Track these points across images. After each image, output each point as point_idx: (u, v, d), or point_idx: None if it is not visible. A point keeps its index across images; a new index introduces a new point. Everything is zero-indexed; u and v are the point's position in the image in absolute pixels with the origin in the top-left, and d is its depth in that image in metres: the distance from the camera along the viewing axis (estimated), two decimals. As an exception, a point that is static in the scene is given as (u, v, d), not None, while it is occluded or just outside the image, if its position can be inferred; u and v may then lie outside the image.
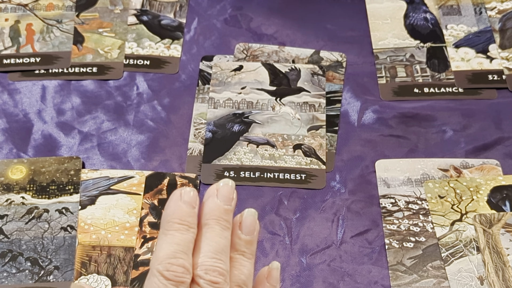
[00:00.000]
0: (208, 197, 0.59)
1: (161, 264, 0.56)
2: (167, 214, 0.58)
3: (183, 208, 0.58)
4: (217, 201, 0.59)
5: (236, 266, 0.59)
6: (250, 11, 1.00)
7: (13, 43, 0.96)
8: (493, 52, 0.94)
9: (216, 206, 0.59)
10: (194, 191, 0.58)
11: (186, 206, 0.58)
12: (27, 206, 0.82)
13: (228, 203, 0.59)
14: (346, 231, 0.81)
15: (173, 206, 0.58)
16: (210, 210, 0.59)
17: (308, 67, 0.93)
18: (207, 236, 0.58)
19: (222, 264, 0.57)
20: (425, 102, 0.91)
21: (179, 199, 0.58)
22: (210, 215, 0.58)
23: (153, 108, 0.91)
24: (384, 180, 0.84)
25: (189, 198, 0.58)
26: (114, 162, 0.86)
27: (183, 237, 0.57)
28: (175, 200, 0.58)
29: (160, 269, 0.56)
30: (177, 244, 0.57)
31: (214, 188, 0.59)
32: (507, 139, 0.87)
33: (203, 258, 0.57)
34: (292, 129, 0.88)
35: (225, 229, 0.58)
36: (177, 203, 0.58)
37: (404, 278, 0.77)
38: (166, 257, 0.56)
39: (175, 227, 0.57)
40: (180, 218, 0.57)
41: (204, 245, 0.57)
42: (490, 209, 0.81)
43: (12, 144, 0.88)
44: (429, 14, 0.98)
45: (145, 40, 0.96)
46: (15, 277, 0.77)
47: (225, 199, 0.59)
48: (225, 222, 0.59)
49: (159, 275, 0.56)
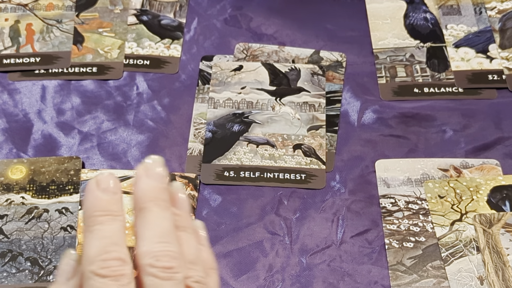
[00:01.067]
0: (138, 179, 0.52)
1: (94, 264, 0.50)
2: (86, 208, 0.51)
3: (103, 198, 0.51)
4: (150, 181, 0.52)
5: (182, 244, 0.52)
6: (250, 11, 1.00)
7: (13, 43, 0.96)
8: (493, 52, 0.94)
9: (150, 187, 0.52)
10: (112, 175, 0.52)
11: (105, 194, 0.51)
12: (27, 206, 0.82)
13: (161, 181, 0.52)
14: (346, 231, 0.81)
15: (91, 198, 0.51)
16: (144, 192, 0.52)
17: (308, 67, 0.93)
18: (147, 220, 0.51)
19: (172, 247, 0.51)
20: (425, 102, 0.91)
21: (95, 188, 0.51)
22: (145, 198, 0.52)
23: (153, 108, 0.91)
24: (384, 180, 0.84)
25: (107, 185, 0.51)
26: (114, 162, 0.86)
27: (111, 228, 0.51)
28: (91, 191, 0.51)
29: (94, 269, 0.49)
30: (106, 237, 0.50)
31: (141, 169, 0.53)
32: (507, 139, 0.87)
33: (149, 245, 0.50)
34: (292, 129, 0.88)
35: (165, 209, 0.52)
36: (94, 193, 0.51)
37: (404, 278, 0.77)
38: (97, 255, 0.50)
39: (98, 220, 0.51)
40: (102, 209, 0.51)
41: (147, 231, 0.51)
42: (490, 209, 0.81)
43: (12, 144, 0.87)
44: (429, 14, 0.98)
45: (145, 40, 0.96)
46: (15, 277, 0.77)
47: (157, 177, 0.52)
48: (164, 202, 0.52)
49: (94, 275, 0.49)
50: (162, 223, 0.51)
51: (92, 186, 0.51)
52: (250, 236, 0.81)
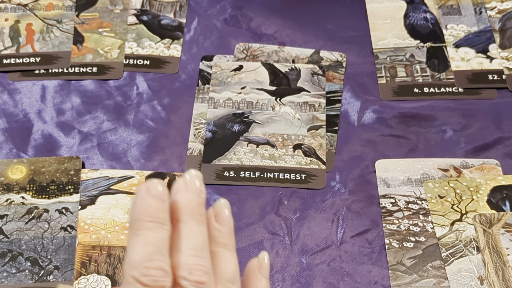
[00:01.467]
0: (177, 191, 0.53)
1: (137, 269, 0.50)
2: (135, 212, 0.52)
3: (153, 204, 0.52)
4: (188, 194, 0.53)
5: (221, 261, 0.54)
6: (250, 11, 1.00)
7: (13, 43, 0.96)
8: (493, 52, 0.94)
9: (188, 200, 0.53)
10: (162, 183, 0.52)
11: (155, 201, 0.52)
12: (27, 206, 0.82)
13: (199, 195, 0.54)
14: (346, 231, 0.81)
15: (141, 202, 0.52)
16: (183, 205, 0.53)
17: (308, 67, 0.93)
18: (184, 232, 0.52)
19: (205, 262, 0.52)
20: (425, 102, 0.91)
21: (146, 194, 0.52)
22: (183, 210, 0.53)
23: (153, 108, 0.91)
24: (384, 180, 0.84)
25: (157, 191, 0.52)
26: (114, 162, 0.86)
27: (157, 236, 0.51)
28: (142, 196, 0.52)
29: (136, 275, 0.50)
30: (152, 244, 0.51)
31: (181, 182, 0.54)
32: (507, 139, 0.87)
33: (184, 257, 0.51)
34: (292, 129, 0.88)
35: (201, 224, 0.53)
36: (145, 199, 0.52)
37: (404, 278, 0.77)
38: (141, 261, 0.50)
39: (146, 225, 0.51)
40: (150, 215, 0.51)
41: (183, 243, 0.52)
42: (490, 209, 0.81)
43: (12, 144, 0.87)
44: (429, 14, 0.98)
45: (145, 40, 0.96)
46: (15, 277, 0.77)
47: (196, 191, 0.53)
48: (200, 216, 0.53)
49: (135, 282, 0.50)
50: (197, 237, 0.53)
51: (143, 191, 0.52)
52: (250, 236, 0.81)
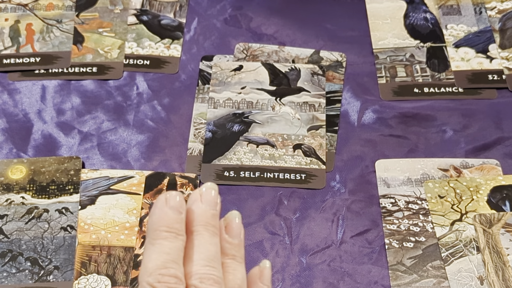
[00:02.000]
0: (192, 203, 0.56)
1: (151, 276, 0.53)
2: (153, 221, 0.55)
3: (170, 215, 0.55)
4: (203, 206, 0.56)
5: (229, 271, 0.56)
6: (250, 11, 1.00)
7: (13, 43, 0.96)
8: (493, 52, 0.94)
9: (203, 212, 0.56)
10: (180, 195, 0.55)
11: (172, 212, 0.55)
12: (27, 206, 0.82)
13: (214, 207, 0.56)
14: (346, 231, 0.81)
15: (159, 213, 0.55)
16: (197, 216, 0.56)
17: (308, 67, 0.93)
18: (197, 243, 0.55)
19: (216, 272, 0.54)
20: (425, 102, 0.91)
21: (164, 204, 0.55)
22: (197, 221, 0.56)
23: (153, 108, 0.91)
24: (384, 180, 0.84)
25: (175, 203, 0.55)
26: (114, 162, 0.86)
27: (172, 245, 0.54)
28: (160, 206, 0.55)
29: (151, 281, 0.53)
30: (167, 253, 0.54)
31: (197, 193, 0.57)
32: (507, 139, 0.87)
33: (196, 267, 0.54)
34: (292, 129, 0.88)
35: (214, 235, 0.56)
36: (162, 209, 0.55)
37: (404, 278, 0.77)
38: (156, 268, 0.53)
39: (162, 235, 0.54)
40: (167, 225, 0.54)
41: (195, 253, 0.55)
42: (490, 209, 0.81)
43: (12, 144, 0.87)
44: (429, 14, 0.98)
45: (145, 40, 0.96)
46: (15, 277, 0.77)
47: (211, 203, 0.56)
48: (213, 228, 0.56)
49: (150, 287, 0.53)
50: (209, 248, 0.55)
51: (162, 202, 0.55)
52: (250, 236, 0.81)
